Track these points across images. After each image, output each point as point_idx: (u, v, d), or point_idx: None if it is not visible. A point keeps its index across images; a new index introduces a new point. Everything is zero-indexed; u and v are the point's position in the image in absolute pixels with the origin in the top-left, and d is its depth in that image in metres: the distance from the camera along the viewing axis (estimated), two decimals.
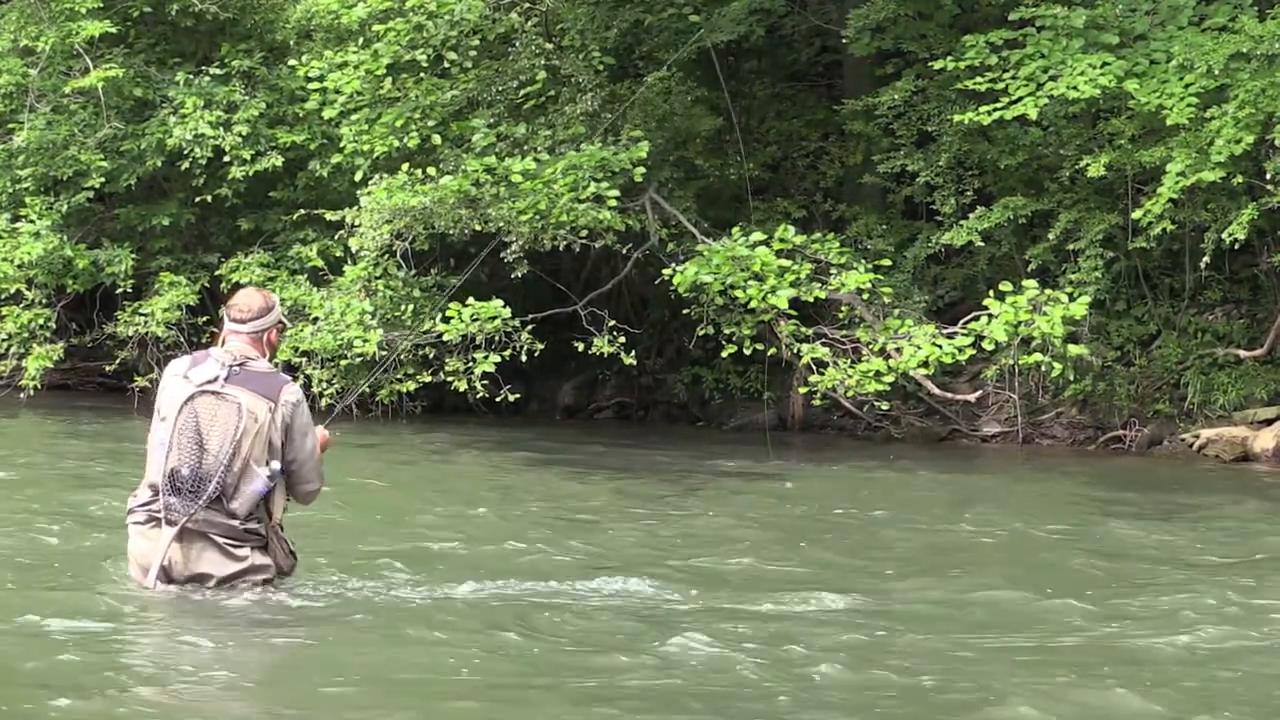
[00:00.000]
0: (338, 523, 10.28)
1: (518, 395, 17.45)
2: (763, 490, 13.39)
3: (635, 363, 17.43)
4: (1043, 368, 16.10)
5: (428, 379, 17.56)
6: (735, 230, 16.91)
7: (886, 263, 17.17)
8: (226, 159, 19.52)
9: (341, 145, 18.35)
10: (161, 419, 7.62)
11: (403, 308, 17.68)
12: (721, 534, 10.86)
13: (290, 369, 17.63)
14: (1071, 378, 16.53)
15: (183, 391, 7.59)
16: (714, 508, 12.18)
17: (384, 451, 15.44)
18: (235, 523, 7.55)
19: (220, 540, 7.55)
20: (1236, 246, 15.92)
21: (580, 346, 17.35)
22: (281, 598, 7.69)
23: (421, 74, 18.34)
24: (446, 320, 16.88)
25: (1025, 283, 16.03)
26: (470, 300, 16.93)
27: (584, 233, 16.79)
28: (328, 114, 18.38)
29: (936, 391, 17.22)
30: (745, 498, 12.87)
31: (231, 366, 7.62)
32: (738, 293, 16.23)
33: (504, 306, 16.97)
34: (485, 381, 16.97)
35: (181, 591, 7.56)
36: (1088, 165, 16.13)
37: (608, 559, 9.64)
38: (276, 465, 7.58)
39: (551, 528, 10.83)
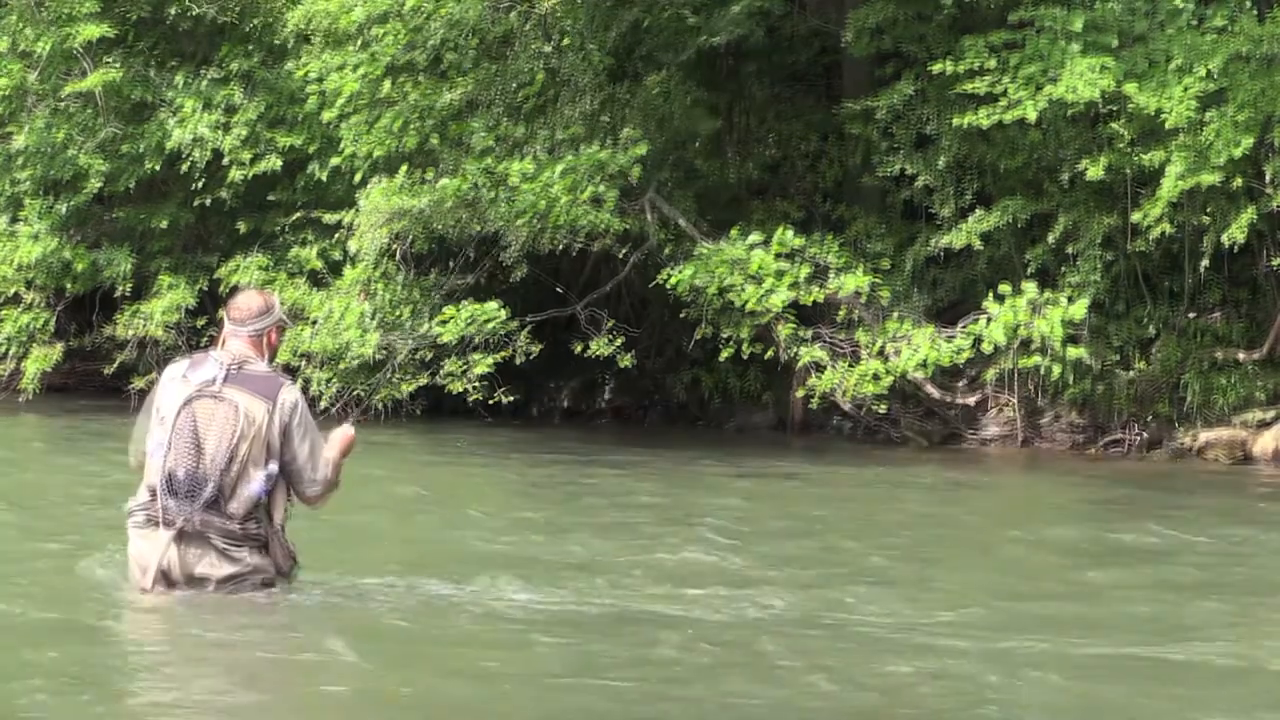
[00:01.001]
0: (340, 526, 10.26)
1: (516, 397, 17.44)
2: (793, 494, 13.34)
3: (634, 364, 17.44)
4: (1042, 370, 16.09)
5: (425, 381, 17.55)
6: (734, 231, 16.90)
7: (885, 264, 17.15)
8: (226, 161, 19.51)
9: (340, 147, 18.33)
10: (160, 421, 7.61)
11: (401, 310, 17.67)
12: (766, 542, 10.71)
13: (290, 371, 17.63)
14: (1071, 380, 16.52)
15: (181, 393, 7.58)
16: (745, 513, 12.11)
17: (385, 454, 15.42)
18: (233, 525, 7.53)
19: (219, 542, 7.54)
20: (1236, 249, 15.92)
21: (578, 348, 17.35)
22: (281, 600, 7.68)
23: (420, 76, 18.33)
24: (444, 323, 16.87)
25: (1024, 285, 16.02)
26: (465, 302, 16.92)
27: (583, 235, 16.79)
28: (327, 116, 18.37)
29: (936, 394, 17.23)
30: (776, 501, 12.81)
31: (230, 368, 7.61)
32: (733, 295, 16.22)
33: (501, 308, 16.96)
34: (482, 383, 16.96)
35: (180, 593, 7.55)
36: (1087, 167, 16.12)
37: (639, 568, 9.52)
38: (274, 467, 7.56)
39: (565, 533, 10.80)
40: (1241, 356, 16.61)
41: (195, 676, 6.63)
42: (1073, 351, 15.88)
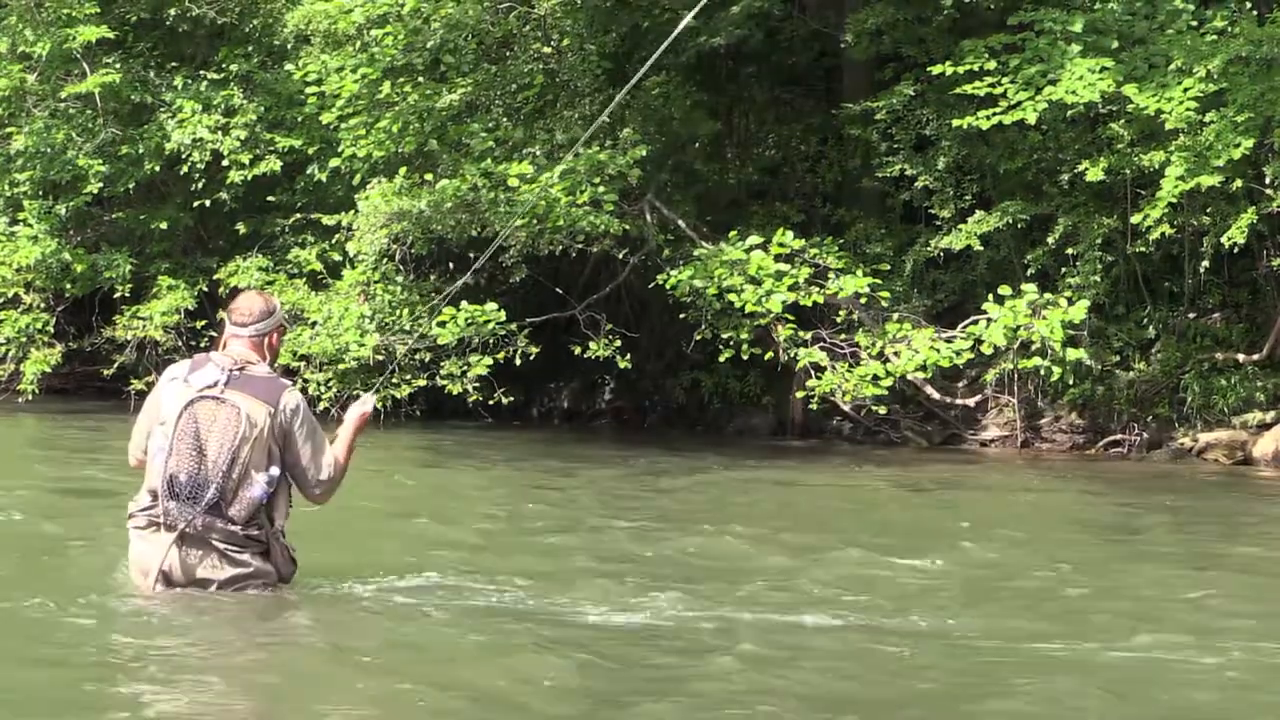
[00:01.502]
0: (341, 529, 10.24)
1: (514, 399, 17.44)
2: (795, 495, 13.30)
3: (633, 366, 17.45)
4: (1042, 371, 16.09)
5: (423, 383, 17.56)
6: (732, 234, 16.90)
7: (885, 267, 17.15)
8: (225, 163, 19.51)
9: (340, 149, 18.33)
10: (160, 423, 7.59)
11: (399, 312, 17.67)
12: (769, 546, 10.57)
13: (289, 373, 17.64)
14: (1071, 381, 16.52)
15: (183, 396, 7.57)
16: (747, 515, 12.06)
17: (385, 456, 15.41)
18: (235, 528, 7.52)
19: (221, 546, 7.53)
20: (1236, 250, 15.92)
21: (578, 350, 17.36)
22: (282, 603, 7.67)
23: (419, 78, 18.32)
24: (442, 325, 16.89)
25: (1024, 286, 16.01)
26: (464, 304, 16.94)
27: (581, 237, 16.80)
28: (326, 118, 18.37)
29: (936, 396, 17.23)
30: (778, 502, 12.77)
31: (231, 371, 7.60)
32: (732, 297, 16.23)
33: (499, 310, 16.98)
34: (478, 385, 16.98)
35: (180, 595, 7.54)
36: (1086, 169, 16.12)
37: (638, 570, 9.46)
38: (275, 471, 7.56)
39: (565, 535, 10.75)
40: (1241, 358, 16.62)
41: (194, 680, 6.61)
42: (1072, 353, 15.88)
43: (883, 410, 16.73)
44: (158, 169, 19.83)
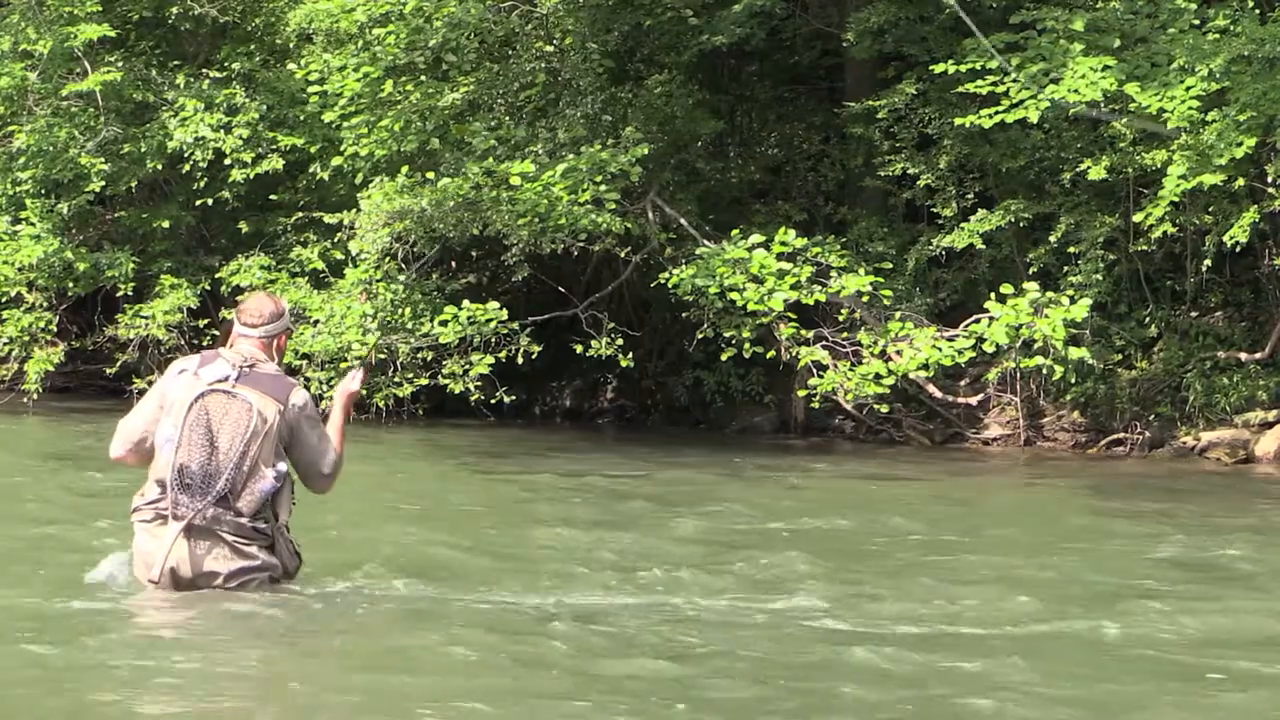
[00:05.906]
0: (344, 526, 10.26)
1: (516, 398, 17.44)
2: (795, 495, 13.31)
3: (635, 365, 17.46)
4: (1044, 370, 16.10)
5: (425, 382, 17.58)
6: (735, 233, 16.91)
7: (888, 265, 17.16)
8: (227, 162, 19.51)
9: (342, 148, 18.33)
10: (168, 414, 7.62)
11: (401, 311, 17.68)
12: (769, 544, 10.60)
13: (291, 372, 17.64)
14: (1073, 380, 16.53)
15: (193, 389, 7.62)
16: (748, 513, 12.06)
17: (388, 455, 15.42)
18: (243, 520, 7.58)
19: (229, 538, 7.58)
20: (1238, 249, 15.94)
21: (580, 349, 17.37)
22: (288, 598, 7.70)
23: (421, 77, 18.33)
24: (444, 324, 16.91)
25: (1026, 285, 16.02)
26: (466, 303, 16.96)
27: (583, 236, 16.81)
28: (328, 117, 18.37)
29: (938, 394, 17.23)
30: (780, 502, 12.77)
31: (242, 367, 7.68)
32: (734, 295, 16.24)
33: (500, 309, 16.99)
34: (480, 384, 17.00)
35: (188, 589, 7.55)
36: (1088, 168, 16.13)
37: (641, 571, 9.45)
38: (283, 466, 7.64)
39: (567, 535, 10.73)
40: (1243, 357, 16.64)
41: (198, 675, 6.61)
42: (1074, 352, 15.87)
43: (885, 409, 16.75)
44: (160, 168, 19.83)
